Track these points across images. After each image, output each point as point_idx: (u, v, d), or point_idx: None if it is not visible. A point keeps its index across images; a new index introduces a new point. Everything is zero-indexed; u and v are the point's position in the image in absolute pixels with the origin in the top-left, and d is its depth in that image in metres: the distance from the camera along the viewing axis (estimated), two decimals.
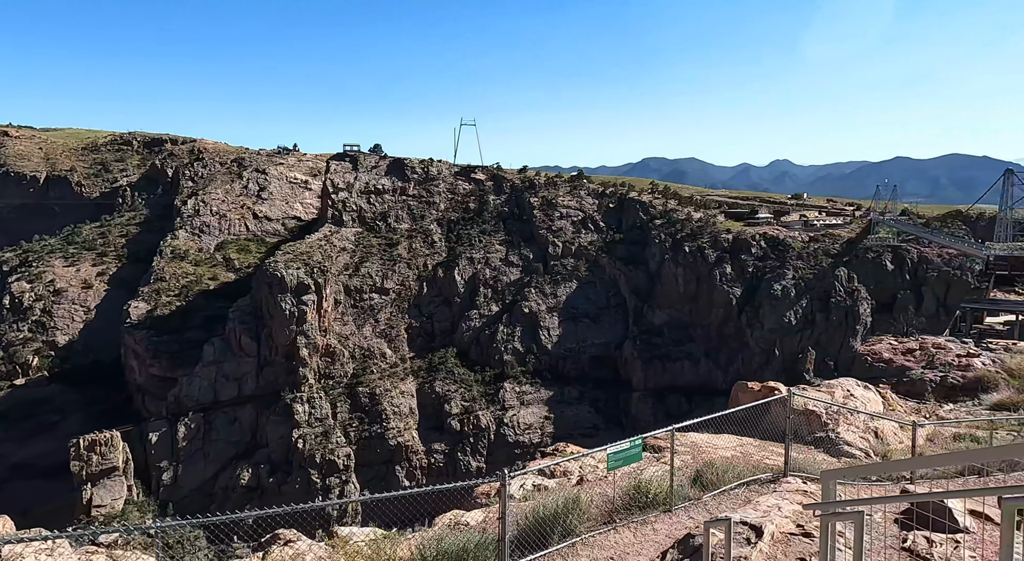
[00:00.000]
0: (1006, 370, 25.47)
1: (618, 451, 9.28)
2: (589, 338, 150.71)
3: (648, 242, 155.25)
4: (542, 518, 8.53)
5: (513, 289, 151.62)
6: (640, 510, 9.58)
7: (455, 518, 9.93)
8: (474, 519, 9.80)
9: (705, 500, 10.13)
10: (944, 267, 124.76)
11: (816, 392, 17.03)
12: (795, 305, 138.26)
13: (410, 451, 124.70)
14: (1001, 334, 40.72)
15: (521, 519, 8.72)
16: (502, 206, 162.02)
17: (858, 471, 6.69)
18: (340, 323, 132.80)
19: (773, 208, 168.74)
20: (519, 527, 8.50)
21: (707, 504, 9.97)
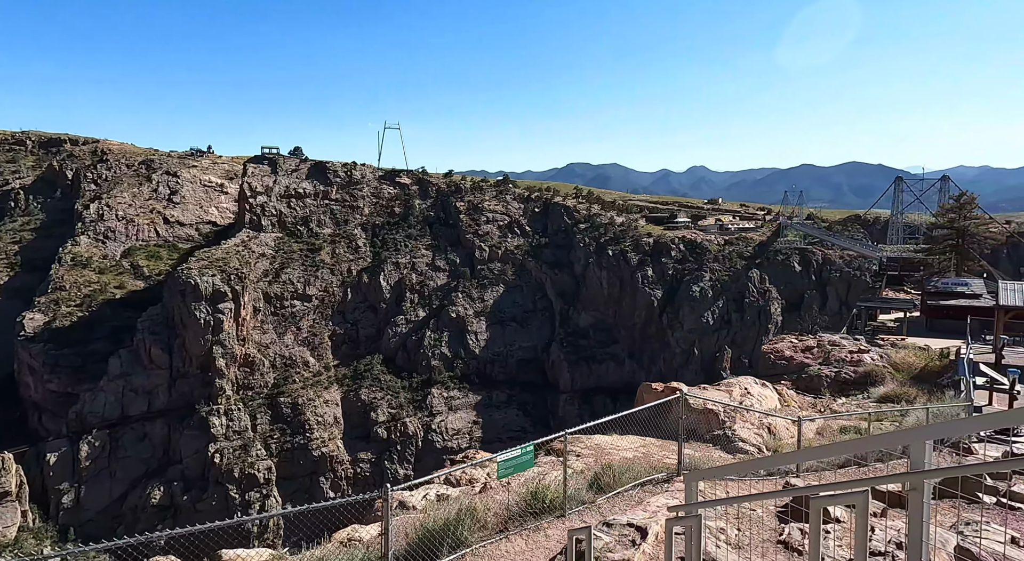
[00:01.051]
0: (892, 365, 27.45)
1: (508, 459, 9.32)
2: (516, 341, 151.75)
3: (573, 246, 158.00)
4: (431, 531, 8.48)
5: (440, 294, 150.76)
6: (535, 517, 9.69)
7: (351, 534, 9.75)
8: (369, 534, 9.64)
9: (599, 503, 10.34)
10: (845, 268, 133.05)
11: (715, 391, 17.81)
12: (712, 306, 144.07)
13: (335, 461, 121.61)
14: (892, 330, 43.72)
15: (411, 532, 8.65)
16: (428, 210, 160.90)
17: (717, 472, 7.00)
18: (260, 331, 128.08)
19: (691, 213, 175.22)
20: (408, 541, 8.42)
21: (601, 507, 10.18)
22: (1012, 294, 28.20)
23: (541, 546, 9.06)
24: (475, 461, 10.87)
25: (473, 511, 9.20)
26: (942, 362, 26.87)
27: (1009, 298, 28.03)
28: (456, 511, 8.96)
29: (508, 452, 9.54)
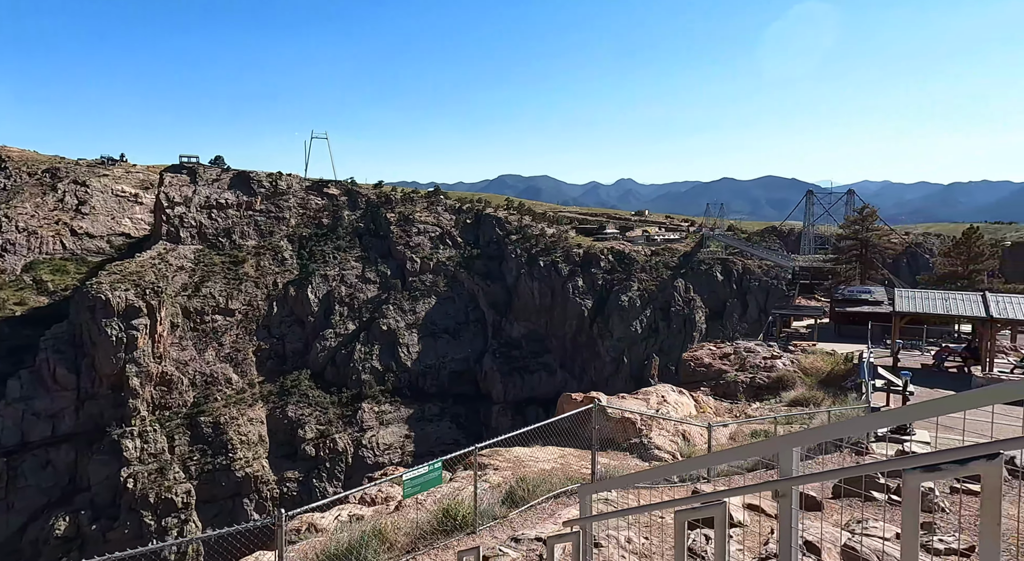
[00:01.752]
0: (802, 369, 28.92)
1: (415, 476, 9.18)
2: (449, 353, 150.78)
3: (505, 257, 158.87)
4: (334, 556, 8.24)
5: (371, 306, 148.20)
6: (445, 535, 9.56)
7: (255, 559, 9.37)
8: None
9: (512, 518, 10.32)
10: (764, 277, 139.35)
11: (633, 400, 18.24)
12: (640, 315, 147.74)
13: (260, 482, 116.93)
14: (804, 336, 46.00)
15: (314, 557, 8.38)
16: (357, 222, 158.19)
17: (612, 483, 7.12)
18: (178, 348, 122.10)
19: (619, 224, 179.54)
20: None
21: (513, 522, 10.15)
22: (906, 301, 30.26)
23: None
24: (382, 479, 10.62)
25: (382, 532, 9.02)
26: (846, 366, 28.48)
27: (904, 304, 30.06)
28: (362, 533, 8.75)
29: (414, 470, 9.41)
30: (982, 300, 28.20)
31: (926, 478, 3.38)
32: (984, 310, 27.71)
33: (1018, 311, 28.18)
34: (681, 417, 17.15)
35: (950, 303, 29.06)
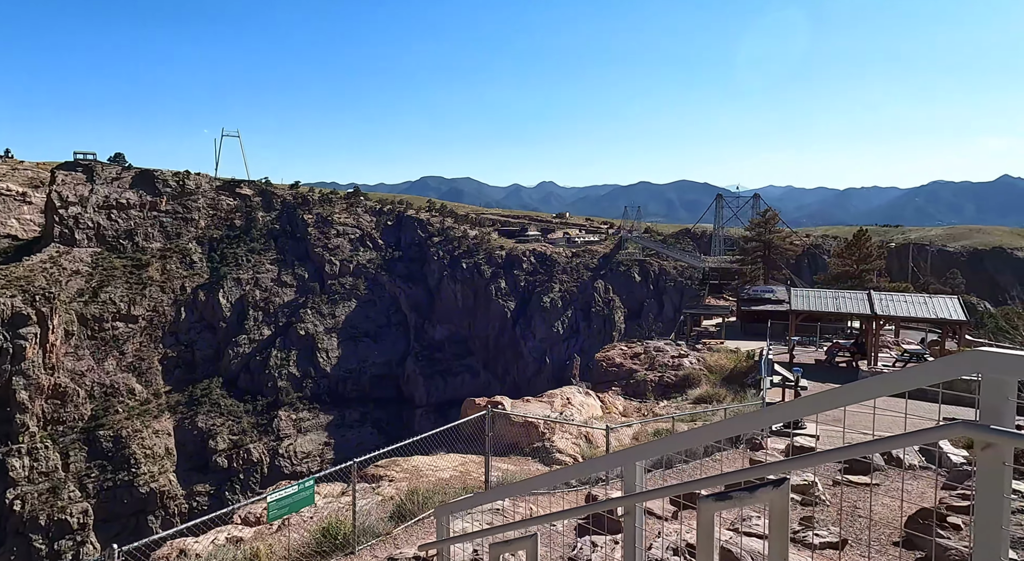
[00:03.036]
0: (707, 367, 30.03)
1: (282, 497, 8.63)
2: (370, 357, 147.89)
3: (427, 259, 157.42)
4: None
5: (287, 311, 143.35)
6: (323, 556, 9.11)
7: None
8: None
9: (396, 534, 9.95)
10: (679, 278, 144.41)
11: (537, 403, 18.28)
12: (562, 315, 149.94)
13: (167, 497, 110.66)
14: (713, 335, 47.82)
15: None
16: (273, 223, 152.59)
17: (471, 501, 6.95)
18: (73, 358, 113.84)
19: (541, 226, 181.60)
20: None
21: (397, 538, 9.79)
22: (801, 300, 32.05)
23: None
24: (247, 502, 9.99)
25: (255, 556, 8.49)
26: (748, 363, 29.76)
27: (799, 303, 31.82)
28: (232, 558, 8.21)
29: (282, 490, 8.91)
30: (867, 298, 30.26)
31: (719, 507, 3.41)
32: (869, 308, 29.71)
33: (899, 308, 30.44)
34: (585, 419, 17.34)
35: (840, 301, 31.05)
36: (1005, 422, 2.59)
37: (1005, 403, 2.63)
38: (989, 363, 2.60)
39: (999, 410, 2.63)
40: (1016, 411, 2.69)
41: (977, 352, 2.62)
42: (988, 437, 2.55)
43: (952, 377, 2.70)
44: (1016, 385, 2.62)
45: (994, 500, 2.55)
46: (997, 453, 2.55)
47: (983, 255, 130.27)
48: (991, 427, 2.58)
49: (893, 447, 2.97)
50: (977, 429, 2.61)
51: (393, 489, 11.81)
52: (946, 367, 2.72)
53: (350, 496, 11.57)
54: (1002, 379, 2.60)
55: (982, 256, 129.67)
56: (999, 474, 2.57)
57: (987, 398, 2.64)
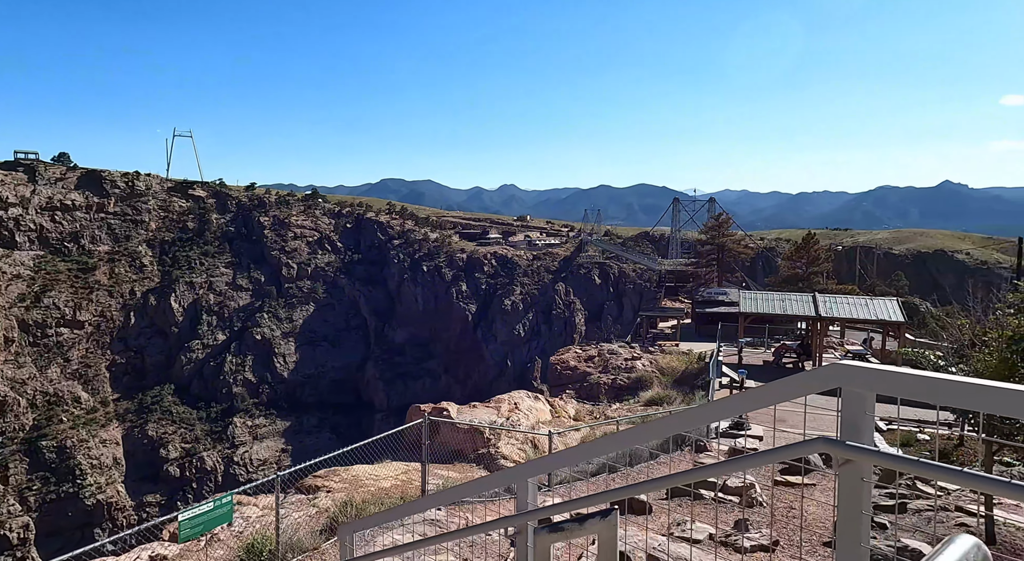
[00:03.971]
0: (659, 369, 30.41)
1: (195, 515, 8.29)
2: (329, 362, 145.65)
3: (387, 262, 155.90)
4: None
5: (243, 315, 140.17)
6: None
7: None
8: None
9: (325, 548, 9.70)
10: (638, 280, 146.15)
11: (484, 408, 18.17)
12: (523, 318, 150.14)
13: (115, 508, 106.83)
14: (669, 337, 48.49)
15: None
16: (227, 226, 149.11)
17: (375, 519, 6.77)
18: (14, 366, 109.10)
19: (502, 229, 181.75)
20: None
21: (325, 553, 9.54)
22: (750, 302, 32.76)
23: None
24: (154, 521, 9.53)
25: None
26: (699, 365, 30.22)
27: (748, 306, 32.50)
28: None
29: (195, 507, 8.59)
30: (813, 301, 31.11)
31: (552, 539, 3.40)
32: (814, 310, 30.55)
33: (842, 310, 31.38)
34: (532, 424, 17.29)
35: (787, 304, 31.84)
36: (864, 437, 2.56)
37: (863, 417, 2.60)
38: (847, 377, 2.57)
39: (858, 425, 2.60)
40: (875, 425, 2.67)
41: (836, 366, 2.59)
42: (845, 453, 2.53)
43: (814, 391, 2.68)
44: (874, 399, 2.61)
45: (853, 516, 2.54)
46: (855, 469, 2.53)
47: (926, 257, 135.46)
48: (847, 443, 2.56)
49: (758, 463, 2.96)
50: (835, 445, 2.58)
51: (330, 500, 11.53)
52: (808, 380, 2.69)
53: (286, 509, 11.27)
54: (860, 393, 2.57)
55: (925, 258, 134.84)
56: (858, 490, 2.55)
57: (847, 412, 2.61)
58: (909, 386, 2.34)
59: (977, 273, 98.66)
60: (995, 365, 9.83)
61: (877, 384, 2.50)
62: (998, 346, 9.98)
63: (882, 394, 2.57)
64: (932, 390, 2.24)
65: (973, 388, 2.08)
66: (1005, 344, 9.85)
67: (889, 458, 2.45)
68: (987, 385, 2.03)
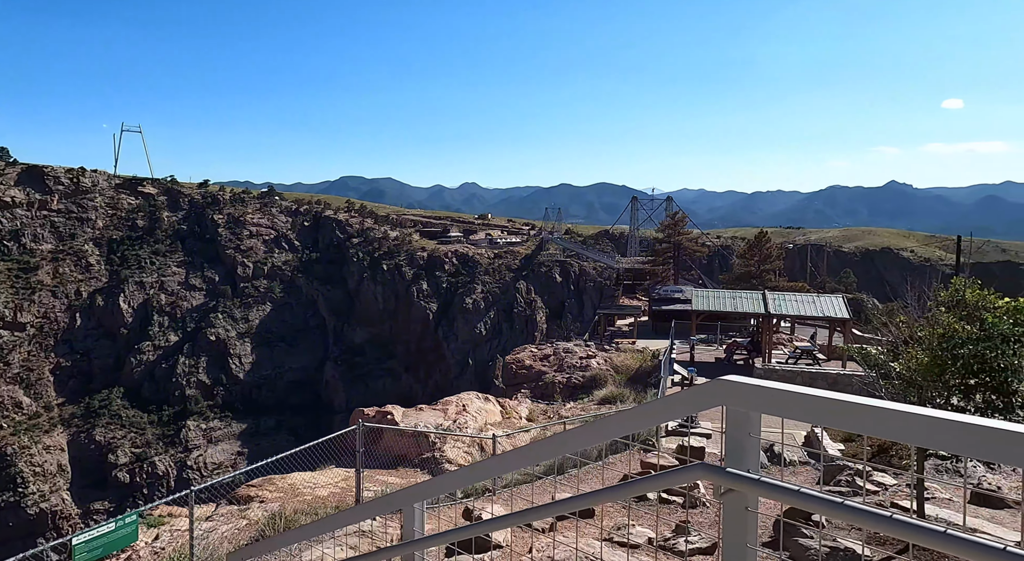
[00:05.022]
0: (614, 367, 30.53)
1: (92, 538, 7.72)
2: (287, 363, 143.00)
3: (346, 261, 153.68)
4: None
5: (196, 315, 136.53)
6: None
7: None
8: None
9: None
10: (598, 278, 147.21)
11: (431, 411, 17.84)
12: (484, 317, 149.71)
13: (60, 517, 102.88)
14: (627, 334, 48.80)
15: None
16: (179, 224, 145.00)
17: (259, 548, 6.38)
18: None
19: (463, 227, 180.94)
20: None
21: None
22: (702, 300, 33.16)
23: None
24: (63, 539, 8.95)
25: None
26: (653, 362, 30.41)
27: (700, 303, 32.89)
28: None
29: (92, 529, 8.06)
30: (762, 298, 31.64)
31: None
32: (764, 307, 31.07)
33: (790, 307, 32.03)
34: (481, 426, 17.02)
35: (737, 301, 32.32)
36: (748, 461, 2.34)
37: (748, 440, 2.37)
38: (730, 394, 2.32)
39: (742, 448, 2.37)
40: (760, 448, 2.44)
41: (720, 382, 2.35)
42: (725, 482, 2.30)
43: (700, 409, 2.45)
44: (759, 420, 2.38)
45: (738, 551, 2.32)
46: (739, 498, 2.30)
47: (874, 255, 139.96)
48: (727, 470, 2.33)
49: (634, 493, 2.75)
50: (715, 472, 2.35)
51: (262, 511, 11.06)
52: (693, 398, 2.44)
53: (215, 521, 10.79)
54: (745, 413, 2.34)
55: (873, 256, 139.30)
56: (742, 521, 2.31)
57: (731, 434, 2.38)
58: (796, 406, 2.12)
59: (921, 270, 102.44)
60: (926, 363, 9.97)
61: (762, 403, 2.24)
62: (930, 344, 10.12)
63: (769, 414, 2.36)
64: (818, 411, 2.03)
65: (862, 409, 1.86)
66: (936, 342, 10.00)
67: (769, 487, 2.19)
68: (876, 407, 1.82)
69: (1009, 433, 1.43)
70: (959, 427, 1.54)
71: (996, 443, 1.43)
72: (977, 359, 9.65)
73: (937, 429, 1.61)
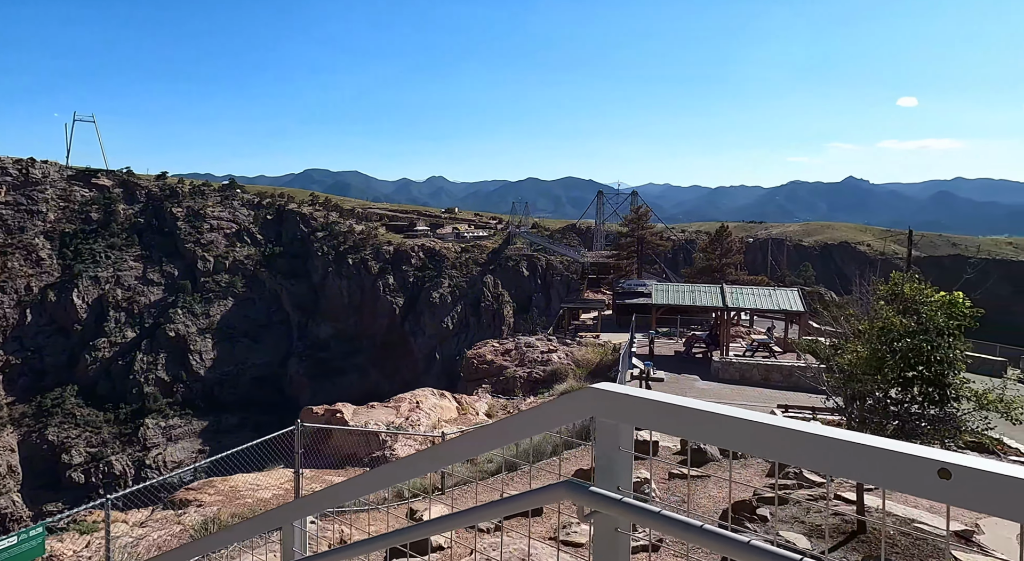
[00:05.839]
0: (575, 361, 30.59)
1: None
2: (249, 359, 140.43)
3: (311, 255, 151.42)
4: None
5: (155, 311, 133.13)
6: None
7: None
8: None
9: None
10: (564, 272, 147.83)
11: (382, 408, 17.56)
12: (451, 311, 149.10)
13: (10, 519, 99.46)
14: (591, 328, 49.04)
15: None
16: (136, 217, 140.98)
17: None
18: None
19: (430, 221, 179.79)
20: None
21: None
22: (662, 293, 33.45)
23: None
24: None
25: None
26: (614, 356, 30.56)
27: (660, 297, 33.17)
28: None
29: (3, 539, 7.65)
30: (720, 292, 32.05)
31: None
32: (722, 300, 31.48)
33: (747, 301, 32.50)
34: (434, 423, 16.80)
35: (696, 295, 32.69)
36: (620, 479, 2.16)
37: (617, 454, 2.16)
38: (599, 405, 2.11)
39: (612, 465, 2.17)
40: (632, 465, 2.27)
41: (588, 390, 2.16)
42: (588, 502, 2.11)
43: (569, 421, 2.26)
44: (632, 432, 2.18)
45: None
46: (608, 519, 2.11)
47: (832, 249, 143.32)
48: (591, 489, 2.12)
49: (499, 514, 2.57)
50: (579, 492, 2.14)
51: (199, 515, 10.70)
52: (563, 409, 2.26)
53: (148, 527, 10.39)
54: (614, 425, 2.14)
55: (831, 250, 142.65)
56: (613, 545, 2.12)
57: (600, 449, 2.17)
58: (667, 418, 1.91)
59: (877, 264, 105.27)
60: (866, 357, 10.11)
61: (631, 415, 2.04)
62: (869, 338, 10.26)
63: (639, 428, 2.18)
64: (690, 424, 1.82)
65: (735, 423, 1.68)
66: (876, 336, 10.14)
67: (632, 510, 2.00)
68: (748, 421, 1.66)
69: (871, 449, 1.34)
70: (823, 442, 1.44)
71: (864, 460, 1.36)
72: (914, 352, 9.81)
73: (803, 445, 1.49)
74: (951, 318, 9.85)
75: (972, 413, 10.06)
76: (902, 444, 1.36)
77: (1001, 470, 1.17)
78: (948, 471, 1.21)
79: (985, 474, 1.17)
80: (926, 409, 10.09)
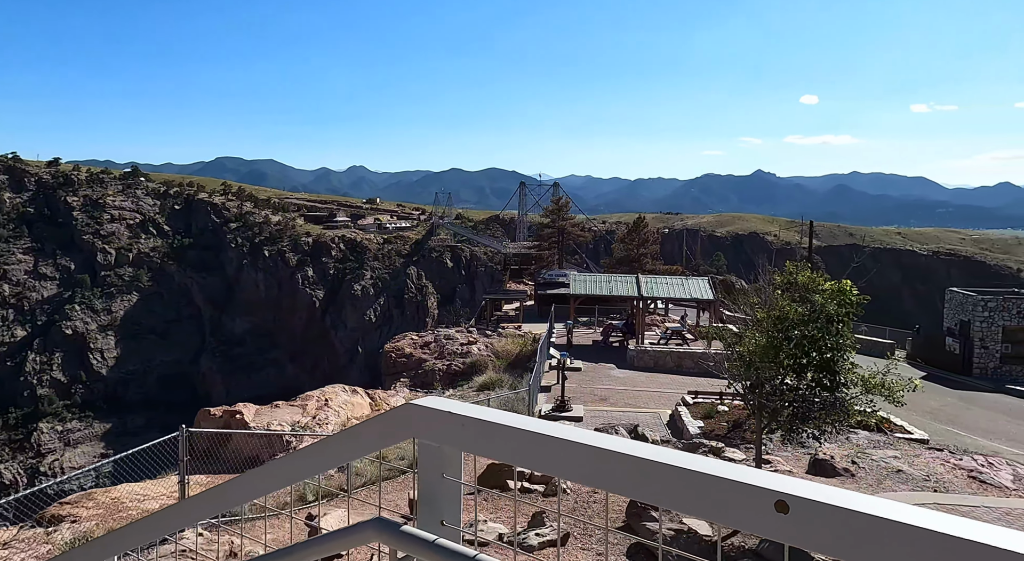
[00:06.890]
0: (495, 353, 30.55)
1: None
2: (157, 356, 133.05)
3: (223, 247, 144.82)
4: None
5: (49, 308, 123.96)
6: None
7: None
8: None
9: None
10: (488, 263, 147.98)
11: (288, 407, 16.83)
12: (374, 303, 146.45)
13: None
14: (513, 319, 49.12)
15: None
16: (26, 206, 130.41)
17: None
18: None
19: (351, 212, 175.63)
20: None
21: None
22: (579, 284, 33.92)
23: None
24: None
25: None
26: (533, 347, 30.66)
27: (577, 287, 33.63)
28: None
29: None
30: (636, 281, 32.83)
31: None
32: (637, 290, 32.24)
33: (661, 290, 33.51)
34: (344, 421, 16.23)
35: (612, 285, 33.37)
36: (444, 512, 1.75)
37: (441, 483, 1.75)
38: (420, 424, 1.71)
39: (435, 495, 1.77)
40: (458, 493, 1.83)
41: (408, 407, 1.78)
42: (402, 546, 1.75)
43: (390, 443, 1.91)
44: (459, 457, 1.78)
45: None
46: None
47: (743, 239, 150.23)
48: (403, 529, 1.76)
49: (308, 557, 2.23)
50: (389, 533, 1.79)
51: (71, 533, 9.83)
52: (382, 432, 1.88)
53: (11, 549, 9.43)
54: (438, 448, 1.75)
55: (742, 240, 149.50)
56: None
57: (423, 476, 1.78)
58: (495, 440, 1.56)
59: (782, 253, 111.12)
60: (763, 345, 10.42)
61: (455, 437, 1.65)
62: (766, 326, 10.58)
63: (465, 451, 1.75)
64: (515, 449, 1.52)
65: (564, 446, 1.40)
66: (772, 324, 10.47)
67: (448, 554, 1.65)
68: (576, 443, 1.39)
69: (702, 476, 1.14)
70: (652, 468, 1.21)
71: (692, 490, 1.16)
72: (808, 339, 10.20)
73: (632, 471, 1.25)
74: (840, 306, 10.28)
75: (859, 397, 10.55)
76: (737, 470, 1.15)
77: (845, 503, 1.00)
78: (786, 504, 1.03)
79: (827, 507, 1.00)
80: (819, 394, 10.51)
